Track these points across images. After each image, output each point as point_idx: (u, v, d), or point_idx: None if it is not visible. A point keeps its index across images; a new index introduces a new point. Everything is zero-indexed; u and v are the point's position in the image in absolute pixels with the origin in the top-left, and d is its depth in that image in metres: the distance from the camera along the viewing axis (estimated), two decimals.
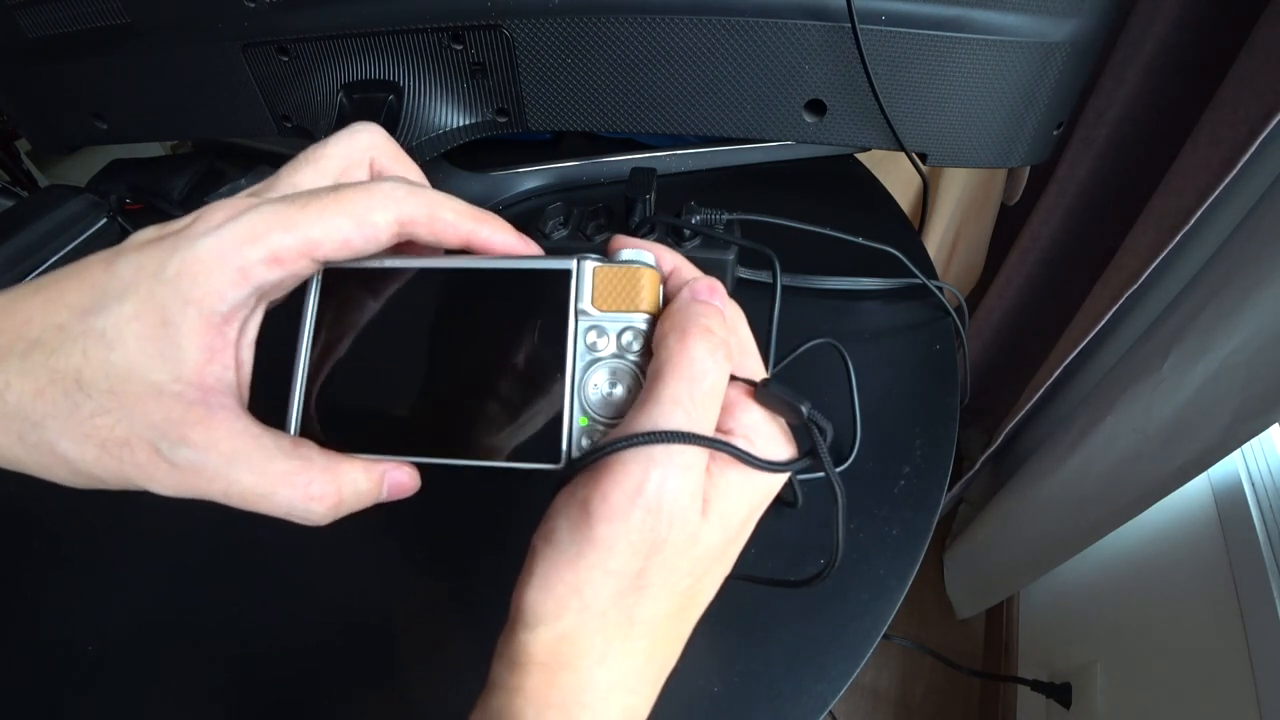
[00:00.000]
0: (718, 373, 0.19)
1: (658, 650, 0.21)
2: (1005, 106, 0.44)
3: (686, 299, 0.21)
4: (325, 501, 0.21)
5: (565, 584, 0.18)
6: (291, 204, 0.19)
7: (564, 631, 0.18)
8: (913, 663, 1.15)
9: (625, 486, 0.18)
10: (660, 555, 0.18)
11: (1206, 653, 0.67)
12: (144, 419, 0.18)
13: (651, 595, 0.19)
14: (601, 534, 0.18)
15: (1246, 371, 0.55)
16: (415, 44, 0.47)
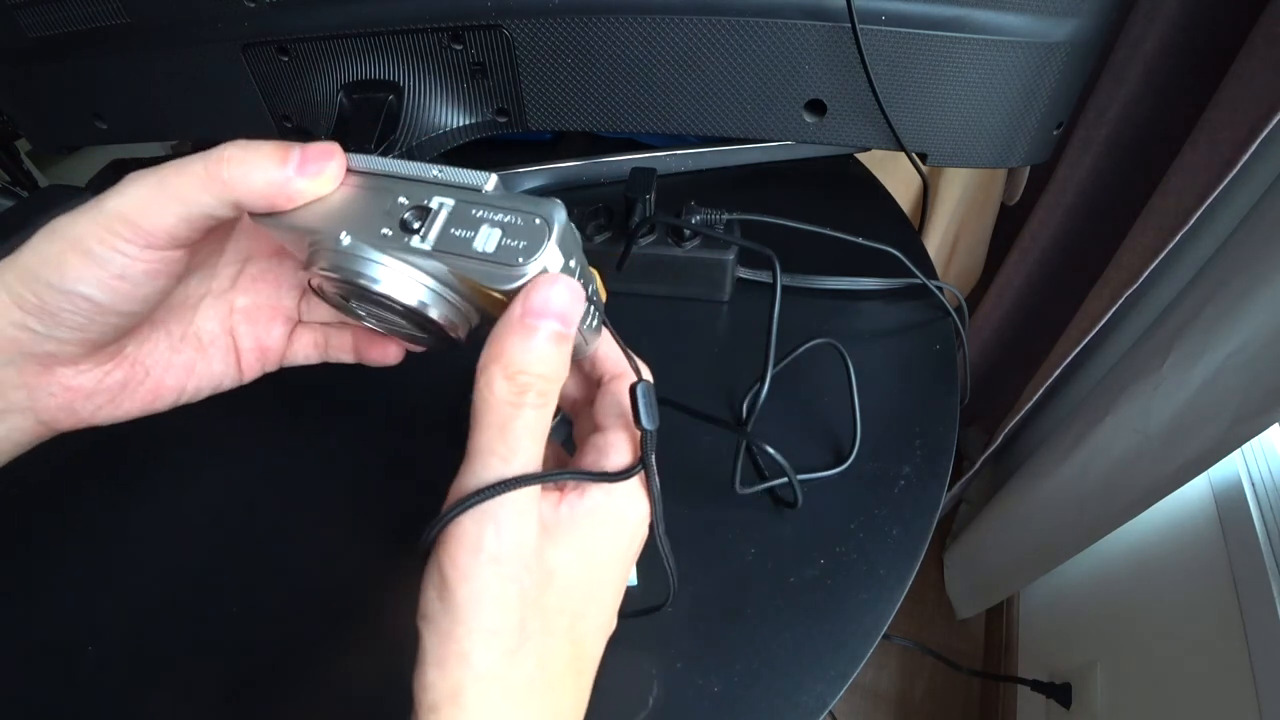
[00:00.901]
0: (528, 409, 0.19)
1: (563, 702, 0.21)
2: (1005, 106, 0.44)
3: (500, 331, 0.19)
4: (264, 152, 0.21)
5: (454, 655, 0.18)
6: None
7: (466, 705, 0.18)
8: (913, 663, 1.15)
9: (468, 547, 0.18)
10: (527, 601, 0.19)
11: (1206, 653, 0.67)
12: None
13: (537, 645, 0.19)
14: (463, 597, 0.18)
15: (1246, 371, 0.55)
16: (415, 44, 0.47)
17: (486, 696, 0.18)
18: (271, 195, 0.21)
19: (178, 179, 0.21)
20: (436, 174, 0.21)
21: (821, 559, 0.36)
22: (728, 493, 0.37)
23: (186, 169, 0.21)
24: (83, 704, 0.34)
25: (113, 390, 0.25)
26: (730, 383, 0.44)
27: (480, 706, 0.18)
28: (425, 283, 0.21)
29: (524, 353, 0.19)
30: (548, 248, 0.19)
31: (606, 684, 0.33)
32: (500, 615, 0.18)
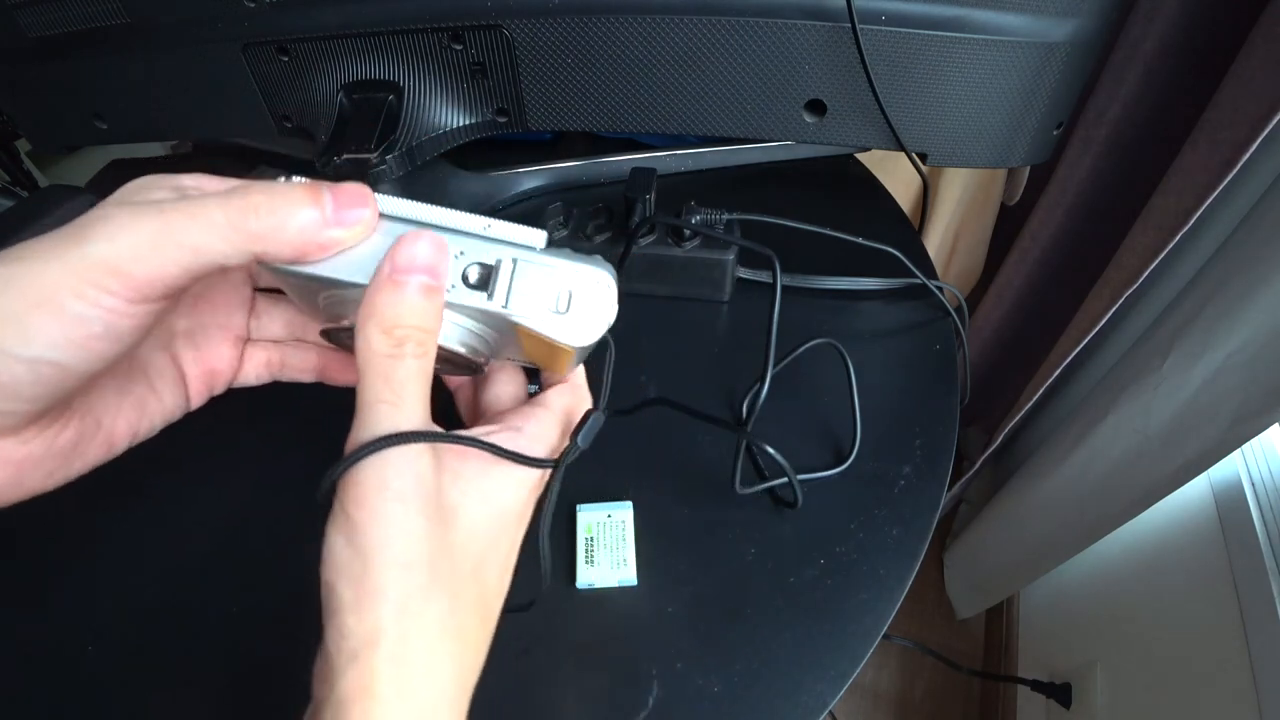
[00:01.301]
0: (409, 359, 0.19)
1: (468, 654, 0.21)
2: (1005, 106, 0.44)
3: (372, 289, 0.20)
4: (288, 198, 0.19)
5: (370, 594, 0.18)
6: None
7: (390, 651, 0.18)
8: (913, 663, 1.15)
9: (373, 487, 0.18)
10: (433, 538, 0.19)
11: (1206, 653, 0.67)
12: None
13: (446, 583, 0.19)
14: (374, 536, 0.18)
15: (1246, 371, 0.55)
16: (415, 44, 0.47)
17: (406, 635, 0.18)
18: (303, 247, 0.19)
19: (189, 226, 0.18)
20: (487, 227, 0.21)
21: (821, 559, 0.36)
22: (728, 493, 0.37)
23: (200, 215, 0.18)
24: (83, 704, 0.34)
25: (65, 453, 0.21)
26: (730, 383, 0.44)
27: (399, 645, 0.18)
28: (460, 324, 0.22)
29: (396, 306, 0.19)
30: (615, 308, 0.21)
31: (606, 684, 0.33)
32: (411, 548, 0.18)
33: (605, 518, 0.37)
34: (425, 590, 0.18)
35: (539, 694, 0.33)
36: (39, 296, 0.17)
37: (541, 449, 0.23)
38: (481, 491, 0.21)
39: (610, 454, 0.41)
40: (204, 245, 0.18)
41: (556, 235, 0.48)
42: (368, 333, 0.19)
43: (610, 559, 0.36)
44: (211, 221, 0.18)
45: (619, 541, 0.37)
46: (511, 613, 0.28)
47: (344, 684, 0.17)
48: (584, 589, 0.36)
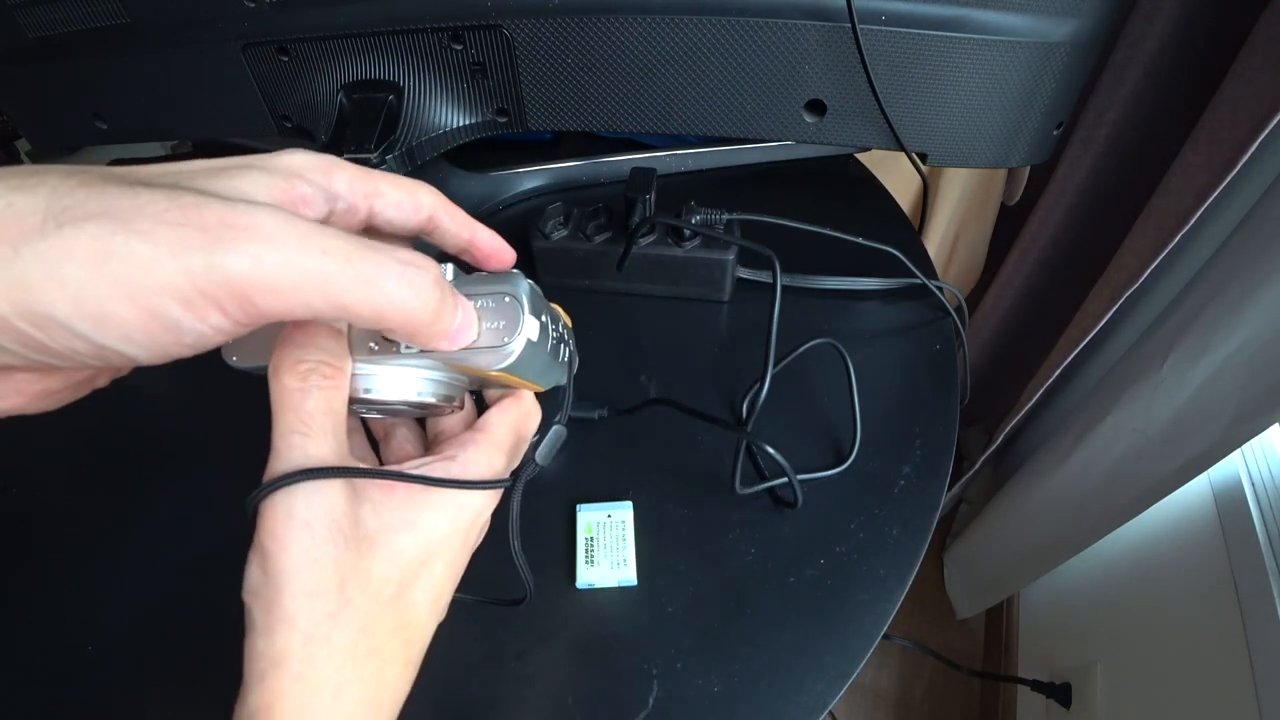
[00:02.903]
0: (314, 391, 0.20)
1: (387, 675, 0.21)
2: (1005, 106, 0.44)
3: (282, 334, 0.21)
4: (421, 267, 0.18)
5: (278, 620, 0.18)
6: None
7: (297, 671, 0.18)
8: (913, 663, 1.15)
9: (281, 517, 0.19)
10: (345, 565, 0.20)
11: (1206, 653, 0.67)
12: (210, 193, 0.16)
13: (360, 608, 0.20)
14: (283, 564, 0.19)
15: (1246, 371, 0.55)
16: (415, 44, 0.47)
17: (313, 658, 0.19)
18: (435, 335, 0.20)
19: (350, 286, 0.16)
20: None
21: (821, 559, 0.36)
22: (728, 493, 0.37)
23: (368, 280, 0.17)
24: (83, 704, 0.34)
25: (79, 385, 0.21)
26: (730, 383, 0.44)
27: (306, 668, 0.19)
28: (421, 375, 0.23)
29: (299, 345, 0.20)
30: (525, 321, 0.21)
31: (607, 684, 0.33)
32: (318, 577, 0.19)
33: (605, 518, 0.37)
34: (334, 616, 0.19)
35: (539, 694, 0.33)
36: (136, 288, 0.14)
37: (480, 473, 0.24)
38: (405, 520, 0.21)
39: (610, 454, 0.41)
40: (355, 310, 0.17)
41: (556, 235, 0.48)
42: (277, 369, 0.20)
43: (610, 559, 0.36)
44: (379, 295, 0.17)
45: (619, 541, 0.37)
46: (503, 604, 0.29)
47: (252, 700, 0.18)
48: (584, 589, 0.36)
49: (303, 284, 0.16)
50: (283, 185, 0.19)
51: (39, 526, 0.41)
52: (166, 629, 0.36)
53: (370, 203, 0.21)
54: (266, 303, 0.15)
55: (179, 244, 0.14)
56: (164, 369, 0.18)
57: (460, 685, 0.33)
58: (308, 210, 0.20)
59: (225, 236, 0.15)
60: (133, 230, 0.14)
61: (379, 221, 0.22)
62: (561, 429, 0.25)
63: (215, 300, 0.15)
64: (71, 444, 0.45)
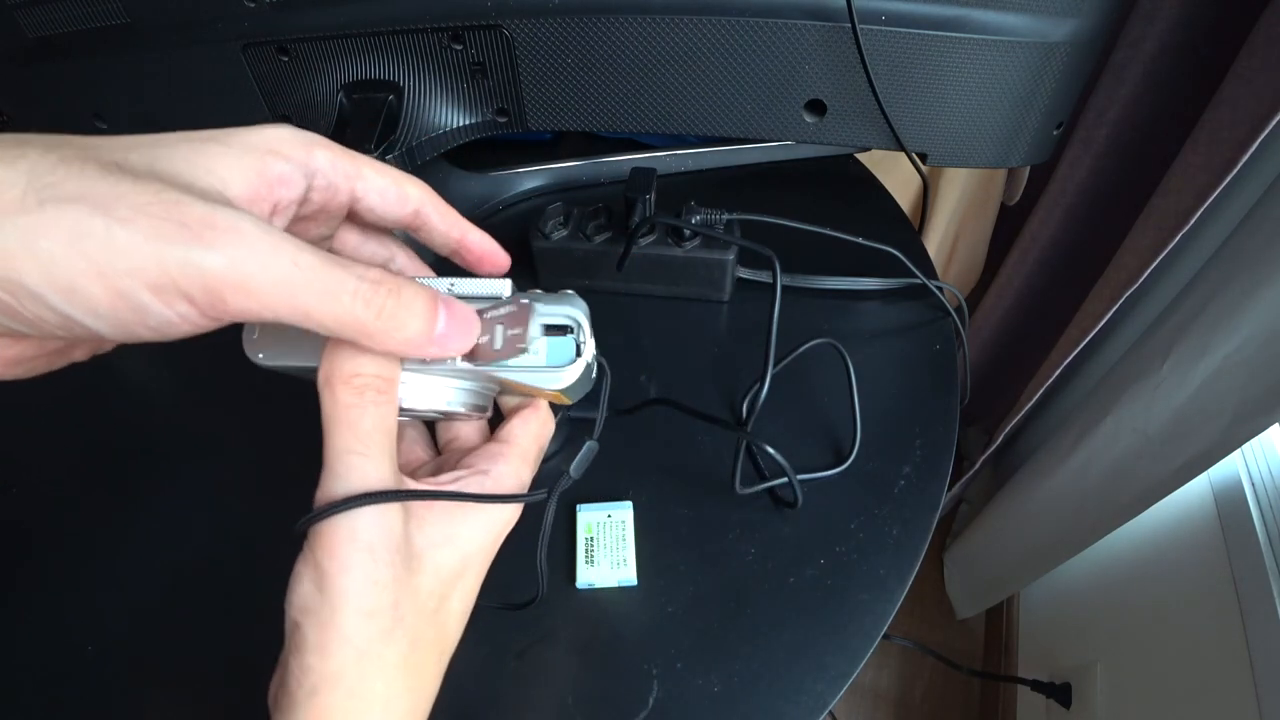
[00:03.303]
0: (370, 407, 0.20)
1: (426, 686, 0.22)
2: (1005, 106, 0.44)
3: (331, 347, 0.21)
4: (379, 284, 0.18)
5: (335, 639, 0.19)
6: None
7: (350, 688, 0.19)
8: (913, 663, 1.15)
9: (343, 539, 0.19)
10: (400, 585, 0.20)
11: (1206, 653, 0.67)
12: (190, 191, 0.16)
13: (410, 625, 0.20)
14: (342, 585, 0.19)
15: (1246, 371, 0.55)
16: (415, 44, 0.47)
17: (365, 675, 0.19)
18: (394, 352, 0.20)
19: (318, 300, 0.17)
20: (450, 287, 0.22)
21: (821, 559, 0.36)
22: (728, 493, 0.37)
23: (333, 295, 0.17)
24: (83, 704, 0.34)
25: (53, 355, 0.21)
26: (730, 383, 0.44)
27: (358, 684, 0.19)
28: (454, 385, 0.23)
29: (355, 358, 0.20)
30: (588, 344, 0.21)
31: (607, 683, 0.33)
32: (377, 598, 0.19)
33: (605, 518, 0.37)
34: (388, 634, 0.20)
35: (539, 694, 0.33)
36: (108, 269, 0.15)
37: (510, 486, 0.24)
38: (446, 536, 0.22)
39: (610, 454, 0.41)
40: (316, 316, 0.17)
41: (556, 235, 0.48)
42: (332, 386, 0.20)
43: (610, 559, 0.36)
44: (339, 306, 0.17)
45: (619, 541, 0.37)
46: (512, 609, 0.29)
47: (300, 715, 0.19)
48: (584, 589, 0.36)
49: (272, 289, 0.16)
50: (258, 165, 0.18)
51: (39, 526, 0.41)
52: (166, 629, 0.36)
53: (352, 185, 0.21)
54: (236, 301, 0.16)
55: (158, 235, 0.15)
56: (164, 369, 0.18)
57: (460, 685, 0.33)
58: (284, 190, 0.19)
59: (206, 235, 0.16)
60: (112, 216, 0.15)
61: (362, 208, 0.22)
62: (594, 444, 0.25)
63: (186, 292, 0.16)
64: (71, 444, 0.45)
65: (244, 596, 0.36)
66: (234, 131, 0.19)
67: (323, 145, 0.20)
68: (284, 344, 0.22)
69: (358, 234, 0.25)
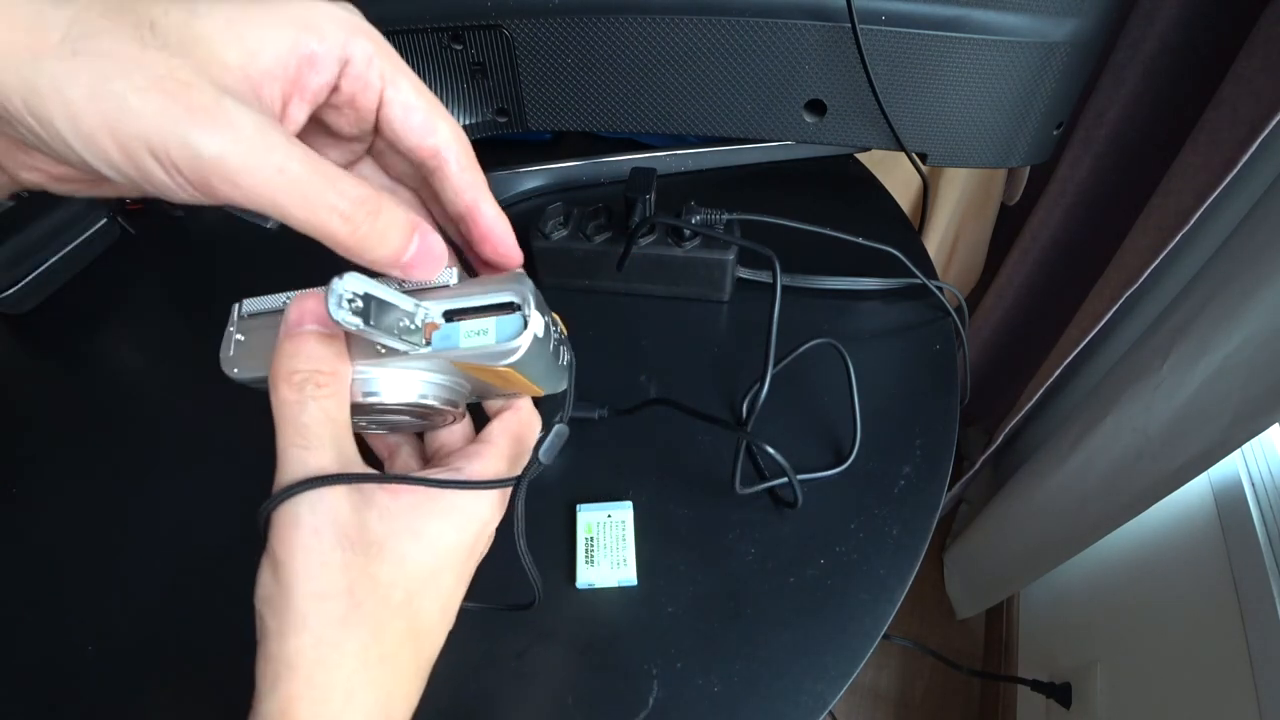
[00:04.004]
0: (310, 402, 0.21)
1: (399, 683, 0.21)
2: (1005, 106, 0.44)
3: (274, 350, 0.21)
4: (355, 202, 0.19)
5: (290, 625, 0.19)
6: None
7: (309, 675, 0.19)
8: (913, 663, 1.15)
9: (289, 524, 0.20)
10: (353, 568, 0.20)
11: (1206, 653, 0.67)
12: (211, 74, 0.17)
13: (370, 613, 0.20)
14: (293, 569, 0.19)
15: (1246, 371, 0.55)
16: (415, 44, 0.47)
17: (324, 661, 0.19)
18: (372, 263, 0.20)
19: (311, 204, 0.18)
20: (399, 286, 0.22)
21: (821, 559, 0.36)
22: (728, 493, 0.37)
23: (325, 203, 0.18)
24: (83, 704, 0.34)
25: (87, 184, 0.21)
26: (730, 383, 0.44)
27: (317, 671, 0.19)
28: (423, 379, 0.23)
29: (292, 355, 0.21)
30: (532, 317, 0.21)
31: (607, 683, 0.33)
32: (327, 580, 0.19)
33: (605, 518, 0.37)
34: (344, 620, 0.20)
35: (539, 694, 0.33)
36: (119, 129, 0.16)
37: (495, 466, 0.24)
38: (411, 528, 0.21)
39: (610, 454, 0.41)
40: (295, 220, 0.18)
41: (556, 235, 0.48)
42: (275, 386, 0.21)
43: (610, 559, 0.36)
44: (315, 217, 0.18)
45: (619, 541, 0.37)
46: (513, 610, 0.29)
47: (266, 706, 0.19)
48: (584, 589, 0.36)
49: (255, 186, 0.17)
50: (293, 40, 0.18)
51: (39, 526, 0.41)
52: (166, 629, 0.36)
53: (383, 88, 0.21)
54: (223, 189, 0.17)
55: (164, 111, 0.16)
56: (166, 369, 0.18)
57: (460, 685, 0.33)
58: (313, 73, 0.19)
59: (204, 122, 0.16)
60: (130, 81, 0.16)
61: (385, 119, 0.21)
62: (564, 428, 0.25)
63: (178, 166, 0.17)
64: (72, 444, 0.45)
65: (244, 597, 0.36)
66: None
67: (366, 34, 0.20)
68: (258, 358, 0.23)
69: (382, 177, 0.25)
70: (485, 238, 0.24)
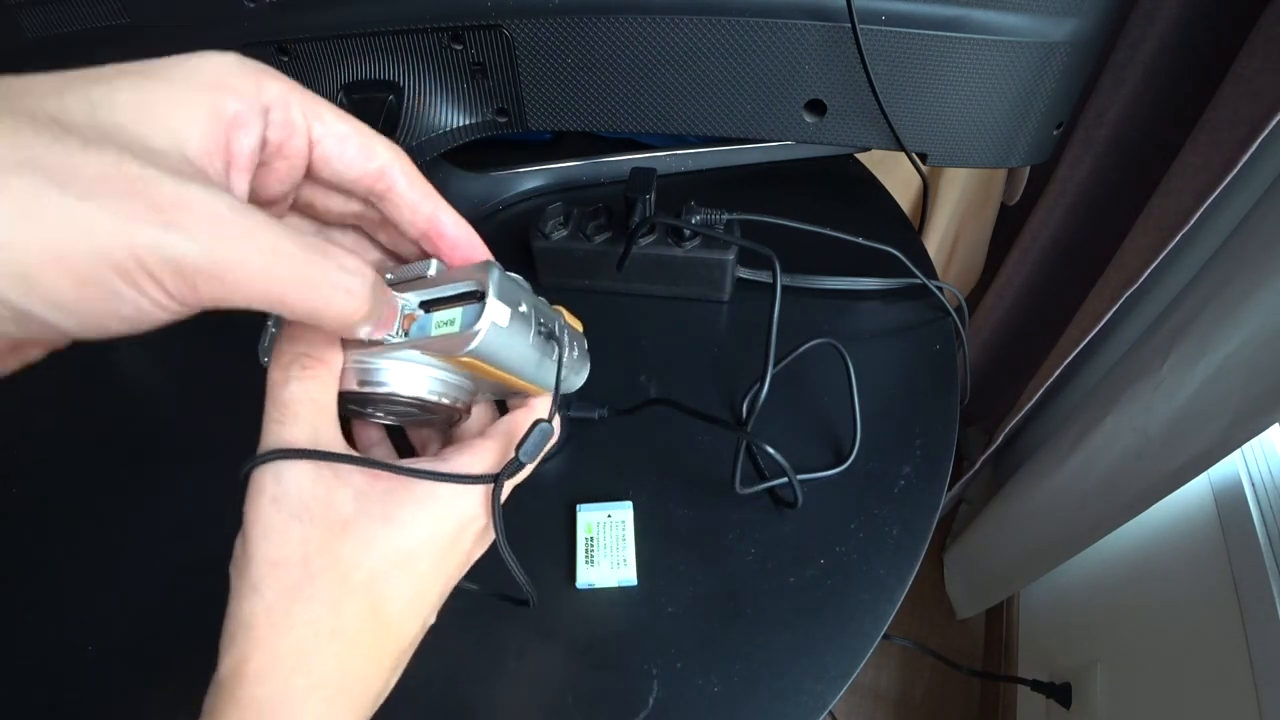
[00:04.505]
0: (293, 381, 0.21)
1: (356, 658, 0.21)
2: (1005, 106, 0.44)
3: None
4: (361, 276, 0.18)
5: (247, 587, 0.20)
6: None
7: (260, 638, 0.19)
8: (913, 663, 1.15)
9: (254, 492, 0.20)
10: (311, 541, 0.20)
11: (1206, 653, 0.67)
12: (154, 164, 0.15)
13: (326, 587, 0.20)
14: (252, 535, 0.20)
15: (1246, 371, 0.55)
16: (415, 44, 0.47)
17: (274, 626, 0.20)
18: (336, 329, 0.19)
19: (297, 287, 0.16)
20: (388, 277, 0.23)
21: (821, 559, 0.36)
22: (728, 493, 0.37)
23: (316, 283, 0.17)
24: (83, 704, 0.34)
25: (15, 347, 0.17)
26: (730, 383, 0.44)
27: (268, 634, 0.19)
28: (431, 375, 0.23)
29: (284, 340, 0.22)
30: (489, 306, 0.21)
31: (607, 683, 0.33)
32: (281, 548, 0.20)
33: (605, 518, 0.37)
34: (296, 589, 0.20)
35: (539, 694, 0.33)
36: (70, 251, 0.13)
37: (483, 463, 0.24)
38: (384, 512, 0.21)
39: (610, 454, 0.41)
40: (288, 303, 0.16)
41: (556, 235, 0.48)
42: (270, 368, 0.22)
43: (610, 559, 0.36)
44: (317, 297, 0.17)
45: (619, 541, 0.37)
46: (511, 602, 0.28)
47: (224, 663, 0.20)
48: (584, 589, 0.36)
49: (248, 278, 0.15)
50: (211, 106, 0.16)
51: (39, 526, 0.41)
52: (166, 629, 0.36)
53: (311, 126, 0.19)
54: (210, 289, 0.15)
55: (125, 214, 0.14)
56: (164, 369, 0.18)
57: (460, 685, 0.33)
58: (242, 135, 0.17)
59: (179, 218, 0.14)
60: (69, 190, 0.13)
61: (320, 159, 0.20)
62: (547, 427, 0.24)
63: (156, 277, 0.14)
64: (72, 444, 0.45)
65: None
66: (173, 62, 0.17)
67: (273, 75, 0.18)
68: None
69: (312, 225, 0.24)
70: (455, 247, 0.23)
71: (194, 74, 0.17)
